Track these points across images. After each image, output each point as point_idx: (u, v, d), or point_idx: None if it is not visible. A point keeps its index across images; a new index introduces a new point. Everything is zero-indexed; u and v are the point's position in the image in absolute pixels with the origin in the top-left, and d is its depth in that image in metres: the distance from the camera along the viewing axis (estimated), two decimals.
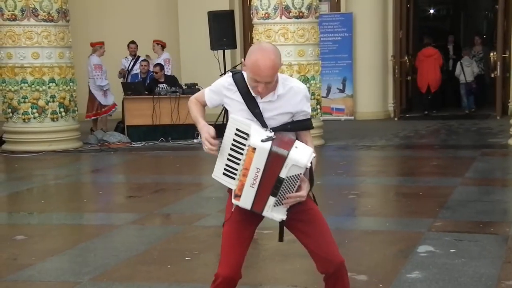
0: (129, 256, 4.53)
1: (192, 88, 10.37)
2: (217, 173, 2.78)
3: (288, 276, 4.14)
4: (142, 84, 10.63)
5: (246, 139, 2.67)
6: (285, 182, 2.66)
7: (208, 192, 6.73)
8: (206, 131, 2.76)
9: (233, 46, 10.54)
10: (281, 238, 2.86)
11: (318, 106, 9.44)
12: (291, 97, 2.76)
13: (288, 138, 2.74)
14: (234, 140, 2.71)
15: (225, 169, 2.74)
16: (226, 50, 10.49)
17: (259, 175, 2.64)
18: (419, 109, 12.91)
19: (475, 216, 5.26)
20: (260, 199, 2.69)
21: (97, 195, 7.05)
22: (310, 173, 2.73)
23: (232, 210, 2.77)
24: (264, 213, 2.74)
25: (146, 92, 10.38)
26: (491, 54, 12.38)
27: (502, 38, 11.57)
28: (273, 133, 2.70)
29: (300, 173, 2.67)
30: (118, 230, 5.29)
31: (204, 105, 2.94)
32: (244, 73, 2.77)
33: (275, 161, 2.63)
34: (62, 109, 9.58)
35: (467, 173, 7.03)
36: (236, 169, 2.71)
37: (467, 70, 12.17)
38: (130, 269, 4.28)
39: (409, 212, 5.60)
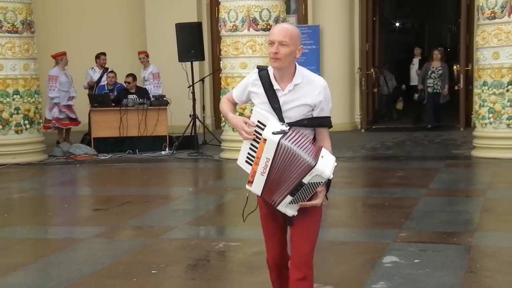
0: (94, 270, 4.47)
1: (160, 100, 10.34)
2: (241, 160, 2.97)
3: None
4: (109, 96, 10.55)
5: (263, 130, 2.85)
6: (305, 187, 2.81)
7: (176, 204, 6.70)
8: (239, 120, 2.91)
9: (201, 58, 10.56)
10: (291, 223, 2.95)
11: None
12: (310, 90, 2.90)
13: (315, 144, 2.88)
14: (255, 131, 2.89)
15: (247, 157, 2.93)
16: (194, 62, 10.50)
17: (269, 164, 2.81)
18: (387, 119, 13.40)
19: (439, 226, 5.34)
20: (269, 189, 2.85)
21: (62, 208, 6.95)
22: (329, 182, 2.89)
23: (247, 195, 2.97)
24: (279, 208, 2.87)
25: (113, 104, 10.31)
26: (455, 67, 12.61)
27: (465, 51, 11.83)
28: (288, 127, 2.84)
29: (321, 182, 2.82)
30: (83, 243, 5.22)
31: (234, 103, 3.13)
32: (270, 69, 2.95)
33: (298, 164, 2.77)
34: (26, 121, 9.45)
35: (431, 184, 7.14)
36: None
37: (389, 83, 13.39)
38: (95, 283, 4.23)
39: (375, 223, 5.66)
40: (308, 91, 2.90)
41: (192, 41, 10.23)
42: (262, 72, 2.96)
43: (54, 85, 10.43)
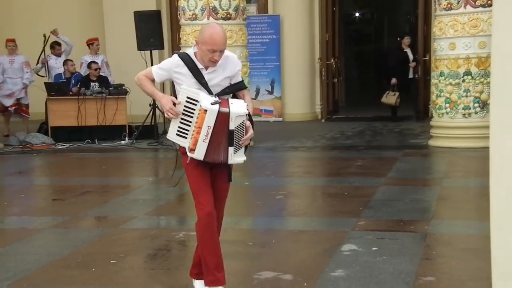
0: (51, 260, 4.40)
1: (119, 89, 10.21)
2: (171, 135, 3.37)
3: None
4: (67, 84, 10.36)
5: (195, 104, 3.27)
6: (235, 132, 3.30)
7: (135, 194, 6.64)
8: (168, 101, 3.33)
9: (160, 46, 10.45)
10: (230, 179, 3.47)
11: None
12: (228, 64, 3.41)
13: (224, 99, 3.34)
14: (185, 106, 3.30)
15: (178, 130, 3.35)
16: (153, 51, 10.38)
17: (210, 131, 3.26)
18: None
19: (396, 214, 5.43)
20: (211, 152, 3.30)
21: (19, 198, 6.80)
22: (249, 117, 3.41)
23: (187, 162, 3.34)
24: (230, 161, 3.34)
25: (71, 93, 10.14)
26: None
27: (423, 42, 12.04)
28: (217, 97, 3.31)
29: (244, 120, 3.33)
30: (40, 233, 5.13)
31: (152, 80, 3.47)
32: (190, 52, 3.39)
33: (222, 119, 3.26)
34: None
35: (389, 173, 7.26)
36: (187, 130, 3.32)
37: None
38: (52, 274, 4.16)
39: (334, 212, 5.72)
40: (227, 65, 3.39)
41: (151, 30, 10.12)
42: (182, 54, 3.40)
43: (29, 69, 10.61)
